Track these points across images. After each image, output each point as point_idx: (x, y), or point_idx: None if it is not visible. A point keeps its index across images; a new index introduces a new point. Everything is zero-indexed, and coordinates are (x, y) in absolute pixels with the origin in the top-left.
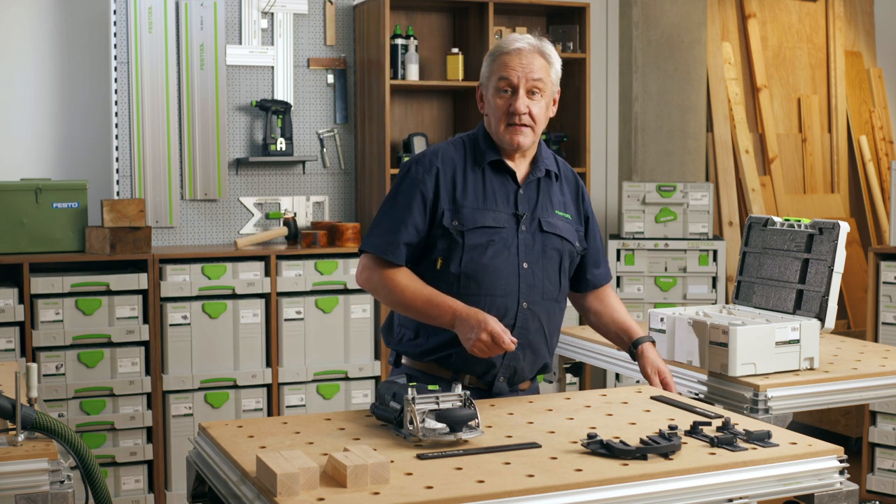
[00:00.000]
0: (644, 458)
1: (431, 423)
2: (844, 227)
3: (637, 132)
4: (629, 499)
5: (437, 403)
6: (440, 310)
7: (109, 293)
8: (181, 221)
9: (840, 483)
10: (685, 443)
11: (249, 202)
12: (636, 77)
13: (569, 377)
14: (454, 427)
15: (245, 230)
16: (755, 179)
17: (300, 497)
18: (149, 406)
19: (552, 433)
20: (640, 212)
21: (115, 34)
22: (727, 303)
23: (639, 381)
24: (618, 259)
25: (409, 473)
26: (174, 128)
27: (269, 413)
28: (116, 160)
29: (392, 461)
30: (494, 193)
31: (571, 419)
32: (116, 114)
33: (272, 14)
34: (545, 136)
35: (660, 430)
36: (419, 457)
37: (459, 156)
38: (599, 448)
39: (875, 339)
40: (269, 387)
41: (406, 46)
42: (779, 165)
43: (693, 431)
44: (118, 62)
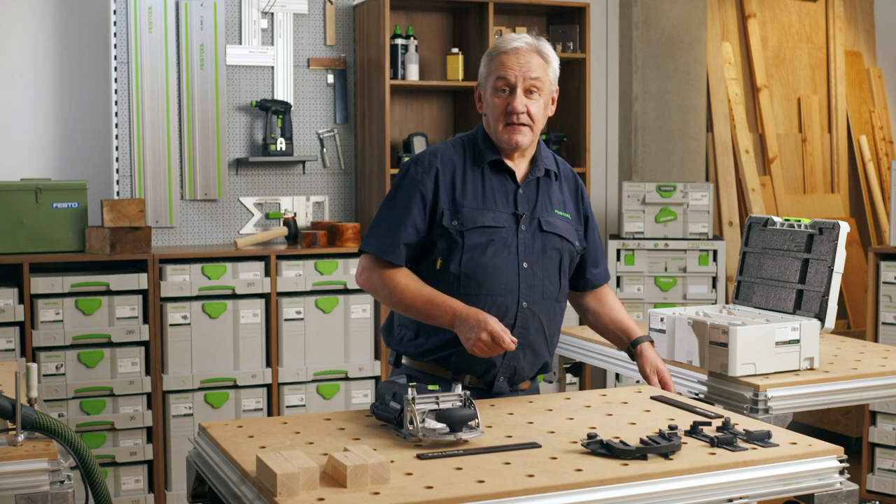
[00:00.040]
0: (644, 458)
1: (431, 423)
2: (844, 227)
3: (637, 132)
4: (629, 499)
5: (437, 403)
6: (440, 310)
7: (109, 293)
8: (181, 221)
9: (840, 483)
10: (685, 443)
11: (249, 202)
12: (636, 77)
13: (569, 377)
14: (454, 427)
15: (245, 230)
16: (755, 179)
17: (300, 497)
18: (149, 406)
19: (552, 433)
20: (640, 212)
21: (115, 34)
22: (727, 303)
23: (639, 381)
24: (618, 259)
25: (409, 473)
26: (174, 128)
27: (269, 413)
28: (116, 160)
29: (392, 461)
30: (494, 193)
31: (571, 419)
32: (116, 114)
33: (272, 14)
34: (545, 137)
35: (660, 430)
36: (419, 457)
37: (459, 156)
38: (599, 448)
39: (875, 339)
40: (269, 387)
41: (406, 46)
42: (779, 165)
43: (693, 431)
44: (118, 62)
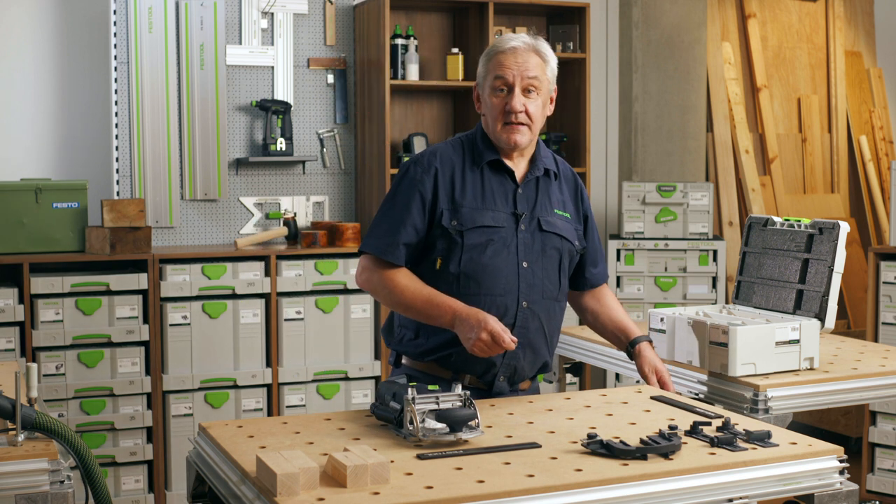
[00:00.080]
0: (644, 458)
1: (431, 423)
2: (844, 227)
3: (637, 132)
4: (629, 499)
5: (437, 403)
6: (440, 310)
7: (109, 293)
8: (181, 221)
9: (840, 483)
10: (685, 443)
11: (249, 202)
12: (636, 77)
13: (569, 377)
14: (454, 427)
15: (245, 230)
16: (755, 179)
17: (300, 497)
18: (149, 406)
19: (552, 433)
20: (640, 212)
21: (115, 34)
22: (727, 303)
23: (639, 381)
24: (618, 259)
25: (409, 473)
26: (174, 128)
27: (269, 413)
28: (116, 160)
29: (392, 461)
30: (493, 193)
31: (571, 419)
32: (116, 114)
33: (272, 14)
34: (545, 137)
35: (660, 430)
36: (419, 457)
37: (458, 156)
38: (599, 448)
39: (875, 339)
40: (269, 387)
41: (406, 46)
42: (779, 165)
43: (693, 431)
44: (118, 62)
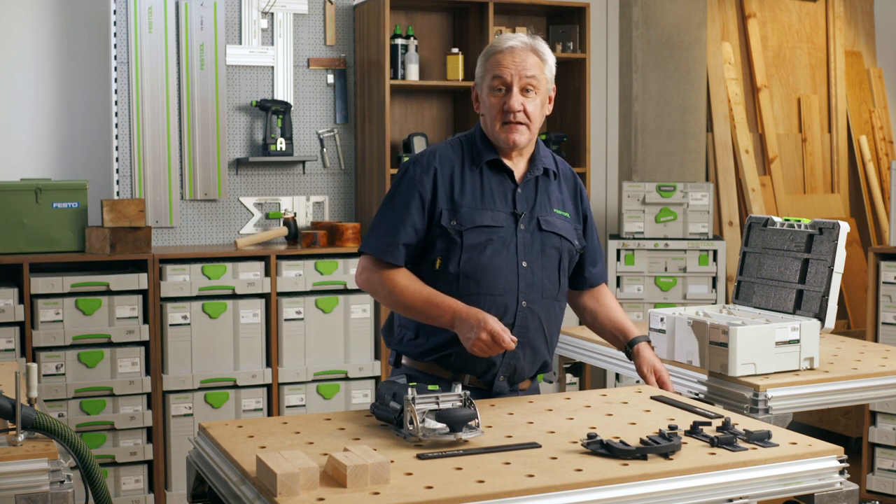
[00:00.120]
0: (644, 458)
1: (431, 423)
2: (844, 227)
3: (637, 132)
4: (629, 499)
5: (437, 403)
6: (440, 310)
7: (109, 293)
8: (181, 221)
9: (840, 483)
10: (685, 443)
11: (249, 202)
12: (636, 77)
13: (569, 377)
14: (454, 427)
15: (245, 230)
16: (755, 179)
17: (300, 497)
18: (149, 406)
19: (552, 433)
20: (640, 212)
21: (115, 34)
22: (727, 303)
23: (639, 382)
24: (618, 259)
25: (409, 473)
26: (174, 128)
27: (269, 413)
28: (116, 160)
29: (392, 461)
30: (492, 193)
31: (571, 419)
32: (116, 114)
33: (272, 14)
34: (544, 137)
35: (660, 430)
36: (419, 457)
37: (457, 156)
38: (599, 448)
39: (875, 339)
40: (269, 387)
41: (406, 46)
42: (779, 165)
43: (693, 431)
44: (118, 62)
